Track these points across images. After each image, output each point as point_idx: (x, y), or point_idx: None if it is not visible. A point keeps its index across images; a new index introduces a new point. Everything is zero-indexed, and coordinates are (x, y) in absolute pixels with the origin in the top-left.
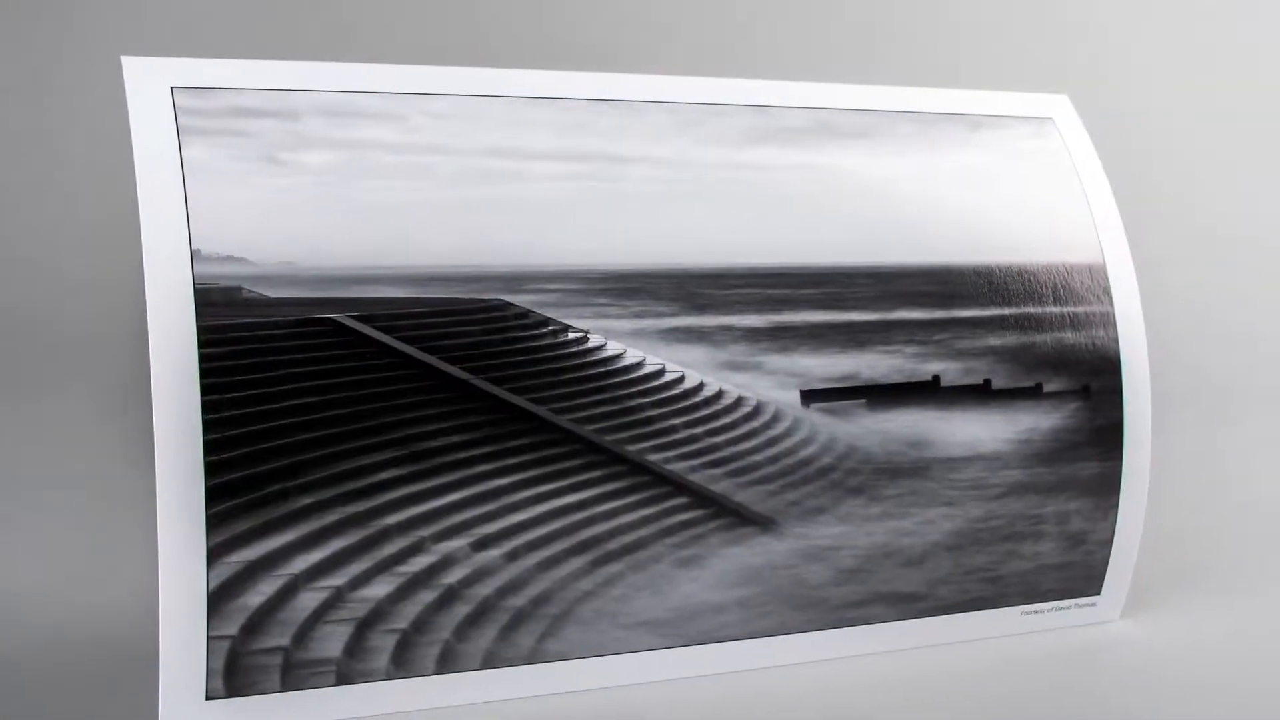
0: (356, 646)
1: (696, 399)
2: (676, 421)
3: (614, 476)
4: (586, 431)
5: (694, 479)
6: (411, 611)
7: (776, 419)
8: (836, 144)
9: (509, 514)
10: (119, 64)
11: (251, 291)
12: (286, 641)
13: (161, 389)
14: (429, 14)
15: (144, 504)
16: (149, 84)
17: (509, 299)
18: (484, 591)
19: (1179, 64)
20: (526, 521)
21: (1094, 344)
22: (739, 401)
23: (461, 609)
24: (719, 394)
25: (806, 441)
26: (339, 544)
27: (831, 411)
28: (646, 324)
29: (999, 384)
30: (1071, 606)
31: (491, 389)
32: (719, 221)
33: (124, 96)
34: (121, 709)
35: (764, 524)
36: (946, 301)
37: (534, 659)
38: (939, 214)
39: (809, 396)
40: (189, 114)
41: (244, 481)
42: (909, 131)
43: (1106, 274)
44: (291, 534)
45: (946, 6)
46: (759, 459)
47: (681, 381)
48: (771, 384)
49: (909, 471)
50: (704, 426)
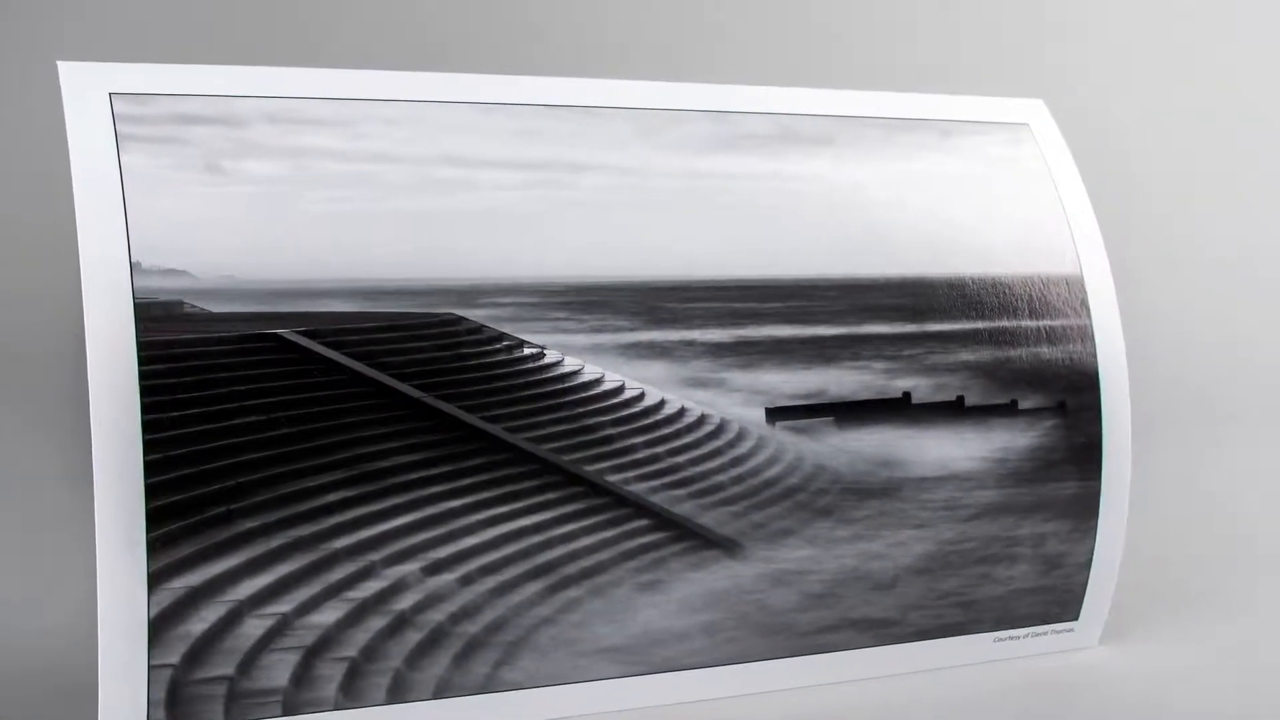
0: (304, 675)
1: (657, 417)
2: (637, 440)
3: (572, 498)
4: (543, 451)
5: (655, 500)
6: (361, 639)
7: (741, 438)
8: (802, 151)
9: (462, 537)
10: (55, 69)
11: (194, 306)
12: (231, 671)
13: (100, 407)
14: (378, 17)
15: (82, 527)
16: (86, 90)
17: (462, 313)
18: (436, 618)
19: (1159, 67)
20: (481, 545)
21: (1071, 359)
22: (702, 419)
23: (413, 636)
24: (681, 412)
25: (772, 461)
26: (285, 569)
27: (798, 430)
28: (605, 339)
29: (972, 401)
30: (1048, 632)
31: (444, 407)
32: (680, 231)
33: (60, 102)
34: None
35: (728, 547)
36: (917, 315)
37: (489, 688)
38: (909, 224)
39: (775, 414)
40: (128, 121)
41: (186, 504)
42: (877, 138)
43: (1084, 286)
44: (236, 558)
45: (916, 7)
46: (723, 479)
47: (642, 399)
48: (735, 401)
49: (879, 492)
50: (665, 446)
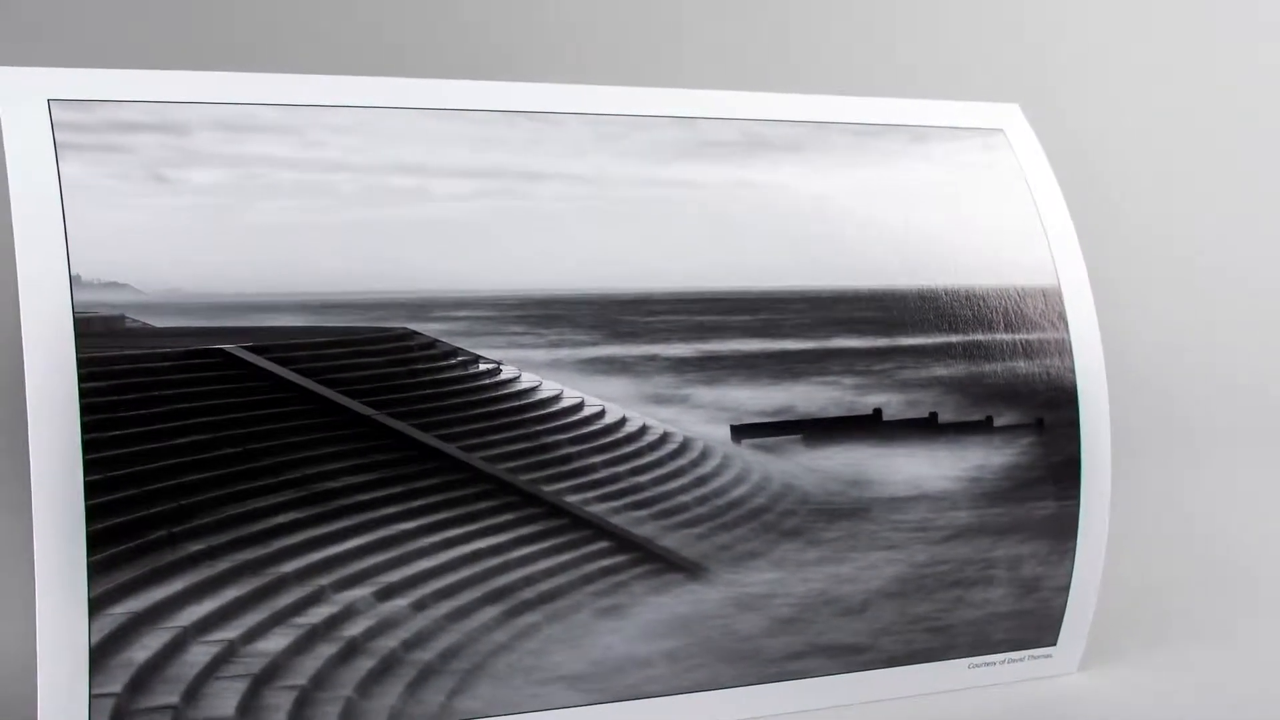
0: (251, 704)
1: (618, 435)
2: (596, 460)
3: (529, 519)
4: (499, 471)
5: (616, 522)
6: (311, 666)
7: (705, 456)
8: (768, 158)
9: (416, 560)
10: None
11: (135, 320)
12: (175, 699)
13: (38, 426)
14: (328, 19)
15: (19, 551)
16: (23, 96)
17: (415, 327)
18: (389, 644)
19: (1138, 70)
20: (435, 568)
21: (1049, 374)
22: (664, 438)
23: (364, 663)
24: (643, 429)
25: (738, 481)
26: (231, 593)
27: (764, 448)
28: (564, 354)
29: (946, 417)
30: (1025, 658)
31: (396, 425)
32: (642, 242)
33: None
34: None
35: (692, 570)
36: (888, 329)
37: (443, 717)
38: (880, 234)
39: (740, 432)
40: (67, 128)
41: (128, 526)
42: (847, 144)
43: (1062, 298)
44: (180, 583)
45: (886, 9)
46: (686, 500)
47: (602, 416)
48: (699, 418)
49: (849, 513)
50: (626, 465)
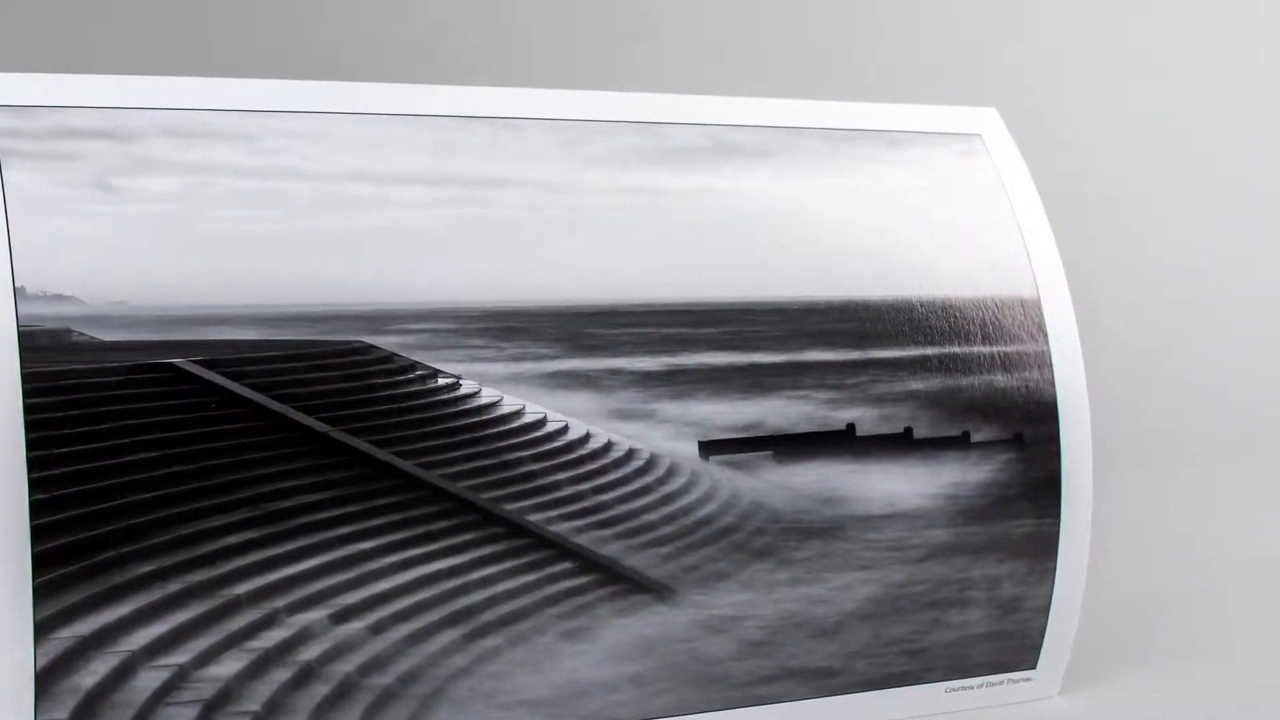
0: None
1: (582, 451)
2: (560, 477)
3: (490, 539)
4: (459, 489)
5: (580, 541)
6: (264, 692)
7: (672, 474)
8: (737, 165)
9: (373, 582)
10: None
11: (82, 334)
12: None
13: None
14: (283, 22)
15: None
16: None
17: (371, 341)
18: (345, 669)
19: (1119, 73)
20: (392, 590)
21: (1028, 387)
22: (630, 454)
23: (320, 689)
24: (607, 446)
25: (706, 499)
26: (182, 616)
27: (734, 465)
28: (526, 368)
29: (921, 433)
30: (1004, 681)
31: (352, 442)
32: (606, 252)
33: None
34: None
35: (659, 591)
36: (862, 341)
37: None
38: (853, 243)
39: (708, 448)
40: (10, 135)
41: (75, 547)
42: (819, 150)
43: (1041, 309)
44: (129, 606)
45: (861, 10)
46: (653, 519)
47: (565, 432)
48: (666, 434)
49: (821, 532)
50: (591, 483)
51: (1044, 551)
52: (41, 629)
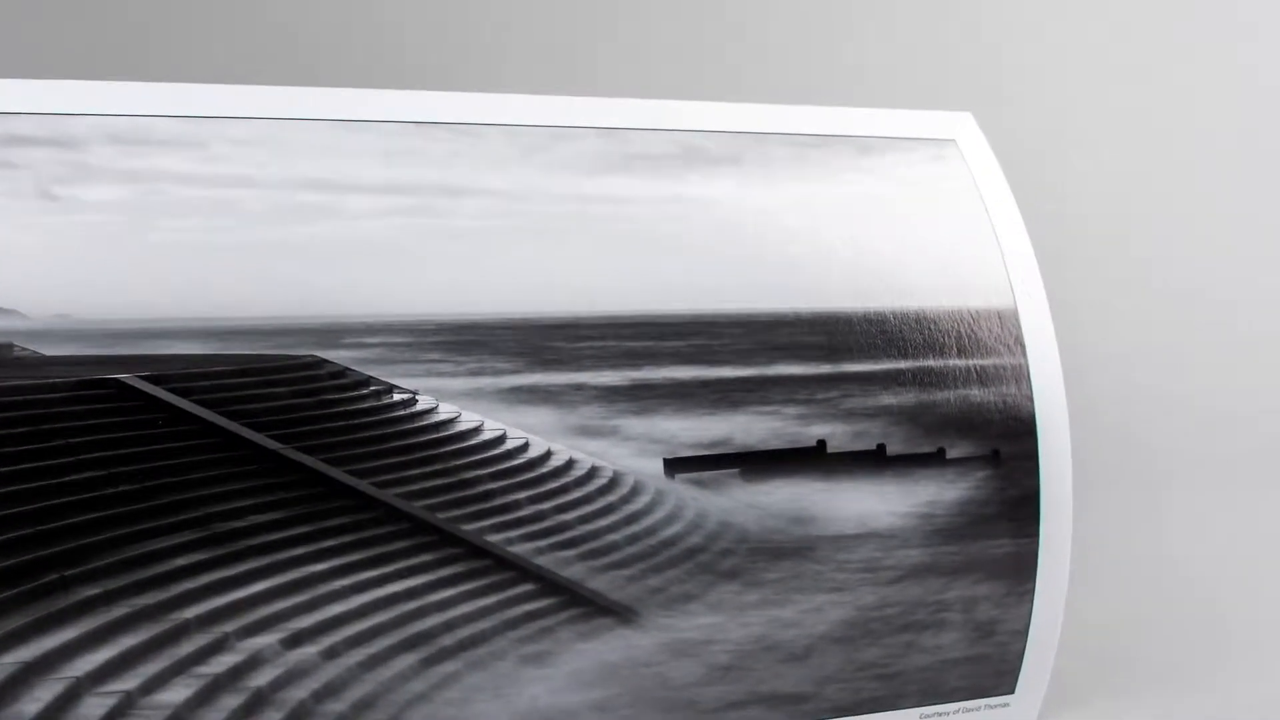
0: None
1: (543, 469)
2: (520, 496)
3: (448, 560)
4: (415, 509)
5: (541, 563)
6: (214, 719)
7: (636, 492)
8: (703, 171)
9: (326, 605)
10: None
11: (23, 349)
12: None
13: None
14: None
15: None
16: None
17: (323, 355)
18: (298, 695)
19: (1099, 76)
20: (347, 614)
21: (1005, 402)
22: (592, 472)
23: (272, 715)
24: (569, 464)
25: (671, 518)
26: (129, 641)
27: (700, 483)
28: (484, 383)
29: (895, 449)
30: (981, 707)
31: (304, 460)
32: (567, 263)
33: None
34: None
35: (623, 614)
36: (833, 354)
37: None
38: (823, 253)
39: (674, 465)
40: None
41: (17, 570)
42: (788, 156)
43: (1019, 321)
44: (73, 630)
45: (832, 12)
46: (616, 539)
47: (525, 449)
48: (630, 451)
49: (791, 552)
50: (552, 502)
51: (1022, 572)
52: None
